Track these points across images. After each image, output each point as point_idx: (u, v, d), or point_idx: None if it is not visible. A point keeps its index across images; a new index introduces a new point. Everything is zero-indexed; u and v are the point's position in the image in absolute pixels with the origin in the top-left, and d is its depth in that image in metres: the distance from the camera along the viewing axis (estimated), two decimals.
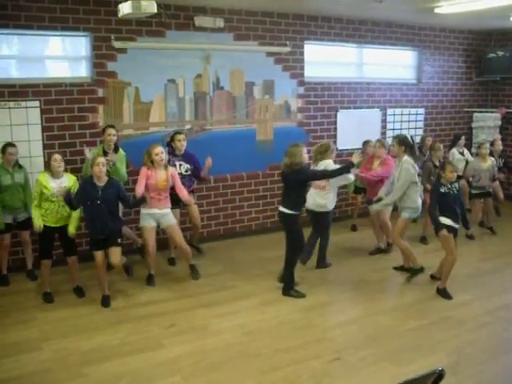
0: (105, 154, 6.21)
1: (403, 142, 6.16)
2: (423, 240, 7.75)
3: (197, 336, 4.91)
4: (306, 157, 5.72)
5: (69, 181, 5.67)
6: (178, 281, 6.30)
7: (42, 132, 6.51)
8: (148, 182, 5.94)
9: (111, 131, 6.35)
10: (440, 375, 2.45)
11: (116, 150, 6.41)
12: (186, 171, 6.71)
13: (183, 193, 6.23)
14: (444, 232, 5.65)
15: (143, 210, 6.06)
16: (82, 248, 6.73)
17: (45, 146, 6.51)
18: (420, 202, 6.28)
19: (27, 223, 6.08)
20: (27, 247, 6.32)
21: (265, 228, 8.33)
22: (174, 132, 6.88)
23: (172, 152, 6.61)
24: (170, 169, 6.14)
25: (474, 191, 8.01)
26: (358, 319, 5.28)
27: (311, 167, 6.47)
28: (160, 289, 6.07)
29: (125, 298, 5.79)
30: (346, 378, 4.21)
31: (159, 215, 6.06)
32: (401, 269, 6.53)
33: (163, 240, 6.96)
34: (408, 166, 6.09)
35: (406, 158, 6.14)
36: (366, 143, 8.00)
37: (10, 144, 6.02)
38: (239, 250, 7.52)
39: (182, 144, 6.65)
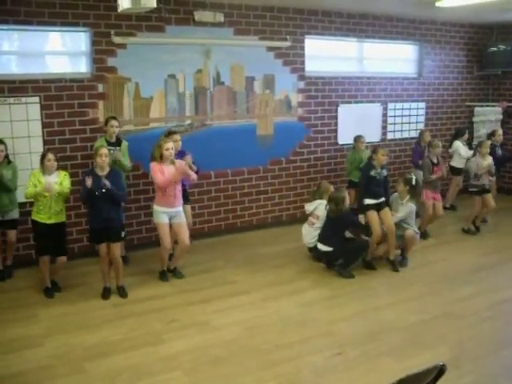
0: (108, 144, 6.27)
1: (408, 182, 6.61)
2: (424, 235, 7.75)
3: (197, 331, 4.91)
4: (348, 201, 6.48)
5: (58, 176, 5.61)
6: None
7: (42, 128, 6.49)
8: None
9: (114, 123, 6.40)
10: (441, 370, 2.45)
11: (119, 143, 6.45)
12: None
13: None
14: (369, 212, 6.44)
15: (157, 208, 5.97)
16: (82, 243, 6.75)
17: (45, 142, 6.50)
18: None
19: (15, 223, 6.11)
20: (11, 247, 6.21)
21: (265, 223, 8.32)
22: (169, 132, 6.64)
23: None
24: (177, 162, 6.00)
25: (473, 189, 7.87)
26: (360, 314, 5.28)
27: (306, 205, 7.04)
28: (161, 284, 6.07)
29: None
30: (347, 372, 4.20)
31: (174, 213, 5.97)
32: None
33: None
34: (412, 208, 6.59)
35: (408, 197, 6.61)
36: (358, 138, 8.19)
37: None
38: (240, 246, 7.52)
39: (178, 144, 6.38)
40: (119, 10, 5.41)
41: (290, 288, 5.92)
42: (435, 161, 7.61)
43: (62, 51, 6.79)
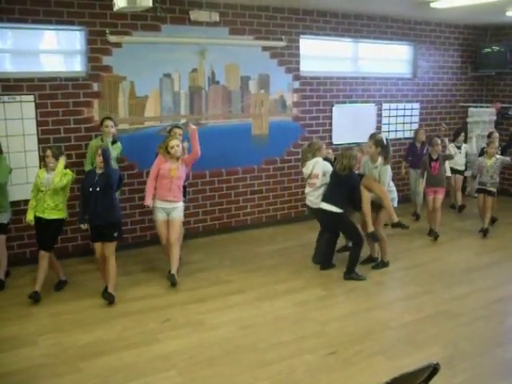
0: None
1: (379, 143, 6.35)
2: (431, 233, 7.83)
3: (192, 331, 4.91)
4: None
5: (54, 174, 5.55)
6: None
7: (37, 126, 6.48)
8: (160, 170, 5.99)
9: (108, 123, 6.39)
10: (435, 369, 2.46)
11: (113, 142, 6.43)
12: None
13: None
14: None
15: (155, 203, 6.07)
16: (77, 242, 6.74)
17: (39, 141, 6.49)
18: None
19: (5, 227, 5.96)
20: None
21: (260, 222, 8.33)
22: (174, 125, 6.81)
23: None
24: (191, 126, 6.17)
25: (478, 186, 8.01)
26: (354, 313, 5.29)
27: (303, 169, 6.63)
28: (156, 283, 6.06)
29: (121, 292, 5.76)
30: (341, 371, 4.22)
31: (170, 209, 6.05)
32: (368, 260, 6.65)
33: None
34: (387, 167, 6.30)
35: (381, 159, 6.32)
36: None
37: None
38: (234, 245, 7.52)
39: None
40: (115, 9, 5.41)
41: (285, 287, 5.93)
42: (434, 157, 7.71)
43: (56, 50, 6.77)
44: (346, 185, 6.14)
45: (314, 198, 6.50)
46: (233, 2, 7.47)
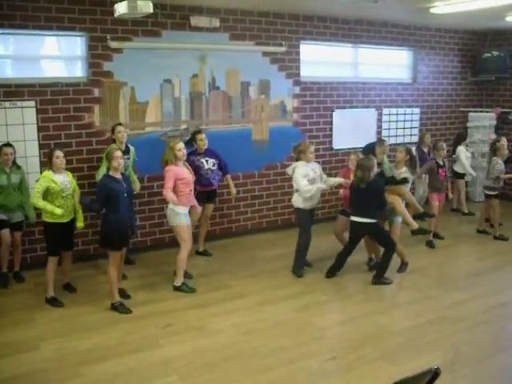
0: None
1: (410, 152, 6.55)
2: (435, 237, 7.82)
3: (193, 336, 4.91)
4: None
5: (68, 176, 5.66)
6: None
7: (38, 132, 6.50)
8: (181, 179, 5.78)
9: (120, 128, 6.42)
10: (436, 374, 2.45)
11: (128, 151, 6.47)
12: (214, 165, 6.83)
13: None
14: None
15: (178, 209, 5.80)
16: (78, 247, 6.73)
17: (41, 146, 6.50)
18: None
19: (21, 224, 6.18)
20: (17, 249, 6.23)
21: (260, 228, 8.34)
22: (195, 131, 6.98)
23: (194, 151, 6.70)
24: (189, 167, 6.14)
25: (492, 192, 7.77)
26: (354, 318, 5.29)
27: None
28: (157, 289, 6.06)
29: (122, 298, 5.76)
30: (342, 376, 4.22)
31: (186, 212, 6.01)
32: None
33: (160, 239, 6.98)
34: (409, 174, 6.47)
35: (405, 168, 6.46)
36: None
37: (5, 144, 6.02)
38: (235, 250, 7.53)
39: (204, 143, 6.77)
40: (116, 15, 5.44)
41: (286, 292, 5.93)
42: (441, 163, 7.66)
43: (57, 55, 6.81)
44: (368, 195, 5.95)
45: (294, 197, 6.51)
46: (233, 8, 7.50)
